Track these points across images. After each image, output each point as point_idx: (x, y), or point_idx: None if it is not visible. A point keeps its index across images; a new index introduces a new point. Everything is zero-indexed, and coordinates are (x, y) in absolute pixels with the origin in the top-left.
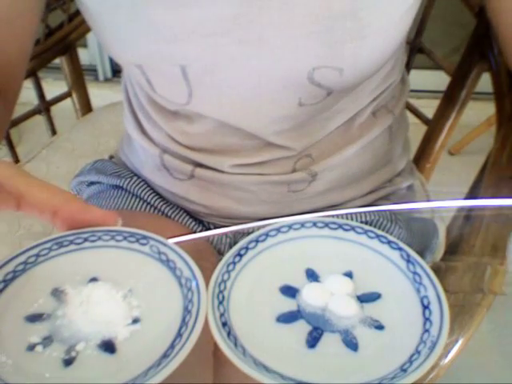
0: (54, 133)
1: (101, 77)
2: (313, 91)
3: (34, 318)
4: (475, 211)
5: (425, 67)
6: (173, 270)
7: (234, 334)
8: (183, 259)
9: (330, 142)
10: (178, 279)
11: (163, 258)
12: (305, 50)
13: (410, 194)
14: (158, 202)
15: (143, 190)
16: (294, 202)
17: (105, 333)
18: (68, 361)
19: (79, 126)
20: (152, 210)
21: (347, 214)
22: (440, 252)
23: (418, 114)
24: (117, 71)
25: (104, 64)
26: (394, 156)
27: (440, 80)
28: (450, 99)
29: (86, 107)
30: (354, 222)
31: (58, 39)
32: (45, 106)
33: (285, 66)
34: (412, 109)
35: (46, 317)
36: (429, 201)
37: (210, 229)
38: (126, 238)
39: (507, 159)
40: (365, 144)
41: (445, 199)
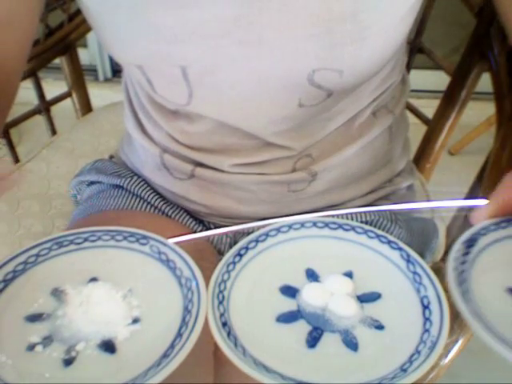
0: (54, 133)
1: (101, 77)
2: (313, 92)
3: (33, 318)
4: None
5: (425, 67)
6: (173, 270)
7: (234, 334)
8: (183, 259)
9: (330, 141)
10: (178, 279)
11: (163, 257)
12: (305, 51)
13: (409, 194)
14: (158, 201)
15: (143, 190)
16: (294, 201)
17: (105, 333)
18: (68, 361)
19: (79, 126)
20: (152, 209)
21: (347, 213)
22: (440, 252)
23: (418, 114)
24: (117, 71)
25: (104, 64)
26: (393, 156)
27: (440, 80)
28: (450, 99)
29: (86, 107)
30: (354, 221)
31: (58, 39)
32: (45, 106)
33: (285, 68)
34: (412, 109)
35: (46, 317)
36: (429, 201)
37: (210, 228)
38: (125, 238)
39: (507, 159)
40: (365, 144)
41: (445, 199)
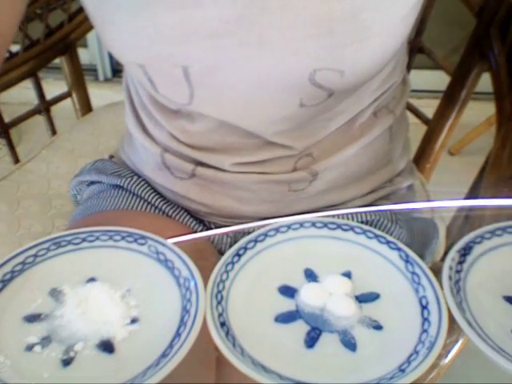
0: (54, 133)
1: (101, 77)
2: (314, 92)
3: (32, 318)
4: (475, 211)
5: (425, 67)
6: (171, 270)
7: (233, 334)
8: (181, 259)
9: (330, 141)
10: (177, 279)
11: (161, 257)
12: (305, 52)
13: (410, 194)
14: (158, 201)
15: (144, 190)
16: (295, 201)
17: (103, 333)
18: (66, 361)
19: (79, 126)
20: (153, 209)
21: (347, 213)
22: (440, 252)
23: (418, 114)
24: (117, 71)
25: (104, 64)
26: (394, 156)
27: (440, 80)
28: (450, 99)
29: (86, 107)
30: (352, 222)
31: (58, 39)
32: (45, 106)
33: (285, 68)
34: (412, 109)
35: (45, 317)
36: (429, 201)
37: (210, 228)
38: (124, 238)
39: (507, 159)
40: (365, 144)
41: (445, 199)
